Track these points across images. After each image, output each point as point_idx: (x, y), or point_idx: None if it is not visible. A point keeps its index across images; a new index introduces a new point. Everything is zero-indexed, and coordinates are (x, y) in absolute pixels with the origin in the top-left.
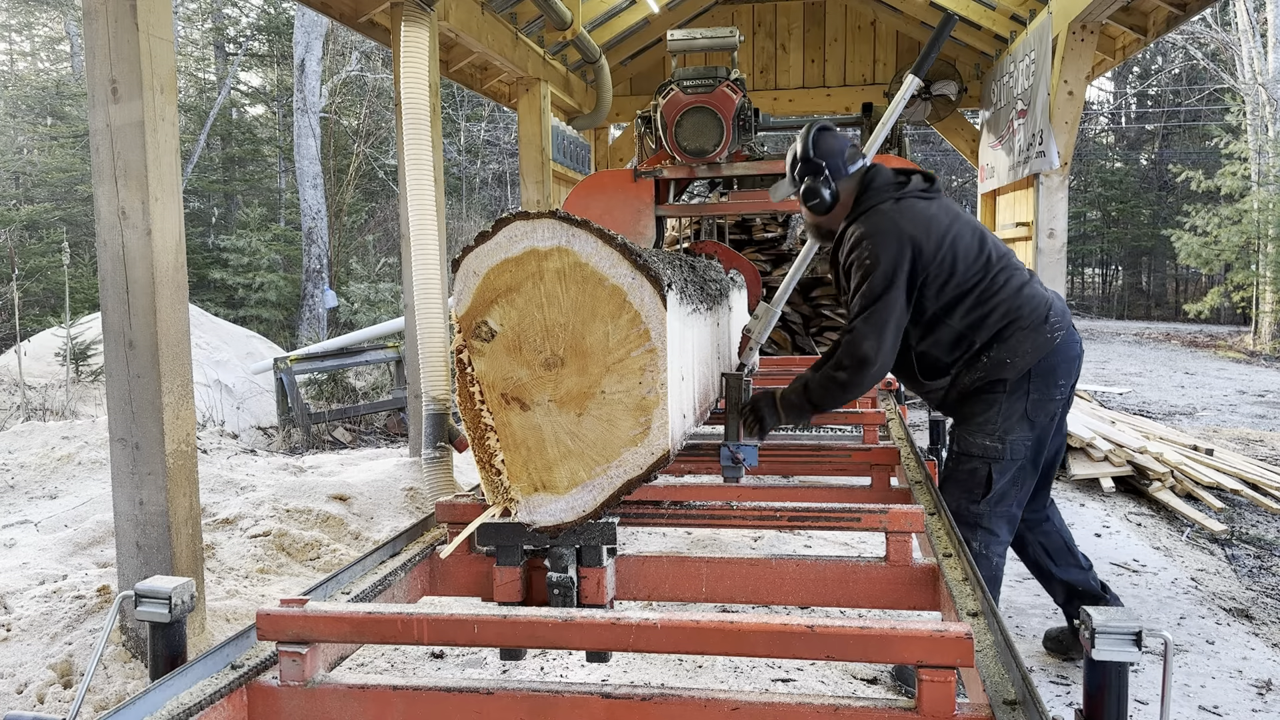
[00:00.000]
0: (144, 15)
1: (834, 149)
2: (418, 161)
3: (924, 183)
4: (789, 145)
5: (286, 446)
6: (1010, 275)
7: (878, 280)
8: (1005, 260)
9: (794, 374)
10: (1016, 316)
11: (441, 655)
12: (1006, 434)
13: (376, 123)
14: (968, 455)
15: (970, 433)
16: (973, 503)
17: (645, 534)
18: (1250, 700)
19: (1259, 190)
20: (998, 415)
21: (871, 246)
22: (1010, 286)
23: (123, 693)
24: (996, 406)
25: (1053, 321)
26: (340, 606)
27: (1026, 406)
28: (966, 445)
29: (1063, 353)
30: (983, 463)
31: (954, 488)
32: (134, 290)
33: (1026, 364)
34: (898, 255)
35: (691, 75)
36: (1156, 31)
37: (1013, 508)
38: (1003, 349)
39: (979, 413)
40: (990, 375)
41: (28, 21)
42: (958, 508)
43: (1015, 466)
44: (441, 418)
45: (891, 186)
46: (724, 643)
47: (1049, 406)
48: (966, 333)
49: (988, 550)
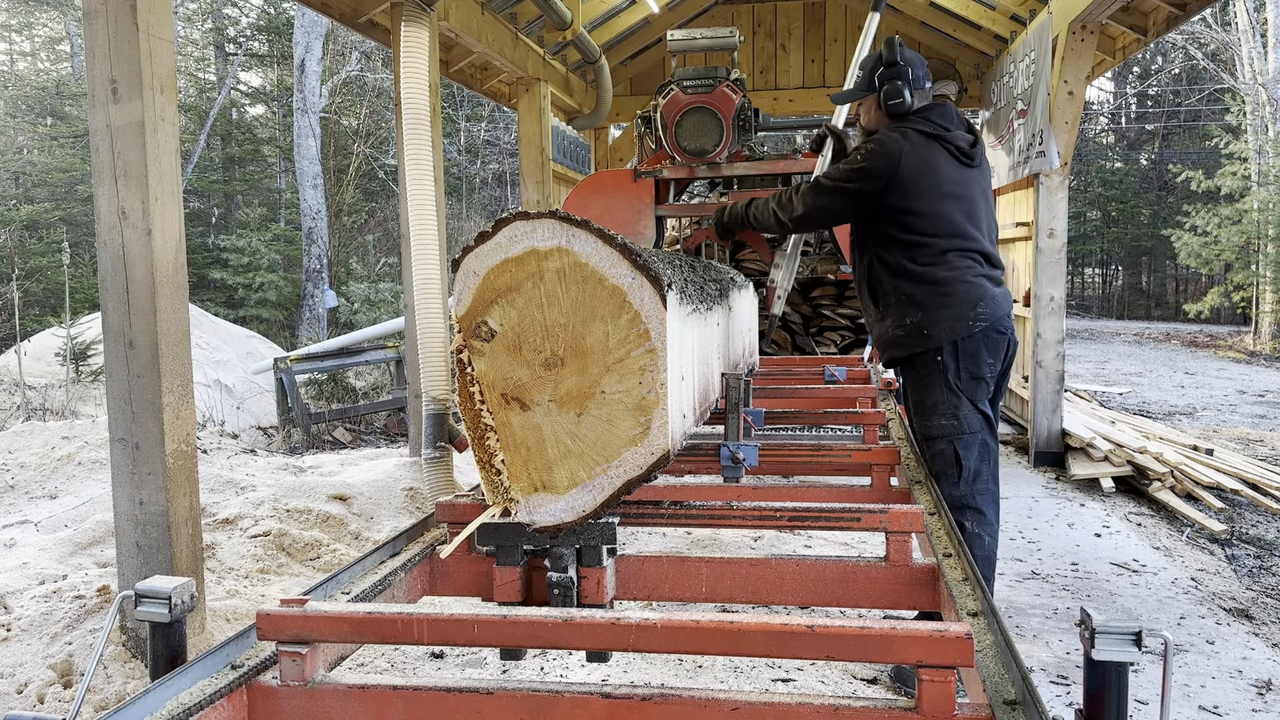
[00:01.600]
0: (144, 15)
1: (915, 59)
2: (418, 161)
3: (967, 137)
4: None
5: (286, 446)
6: (966, 263)
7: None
8: (969, 251)
9: (794, 374)
10: (946, 294)
11: (441, 655)
12: (957, 409)
13: (376, 123)
14: (930, 439)
15: (926, 417)
16: (954, 485)
17: (645, 534)
18: (1250, 700)
19: (1259, 190)
20: (940, 394)
21: (872, 150)
22: (956, 269)
23: (123, 693)
24: (937, 389)
25: (979, 312)
26: (340, 606)
27: (960, 383)
28: (927, 429)
29: (983, 339)
30: (945, 442)
31: (936, 476)
32: (134, 290)
33: (943, 339)
34: (875, 170)
35: (691, 75)
36: (1156, 31)
37: (990, 484)
38: (926, 319)
39: (926, 397)
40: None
41: (28, 21)
42: (943, 494)
43: (975, 440)
44: (441, 418)
45: (933, 124)
46: (724, 643)
47: (979, 384)
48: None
49: (980, 529)
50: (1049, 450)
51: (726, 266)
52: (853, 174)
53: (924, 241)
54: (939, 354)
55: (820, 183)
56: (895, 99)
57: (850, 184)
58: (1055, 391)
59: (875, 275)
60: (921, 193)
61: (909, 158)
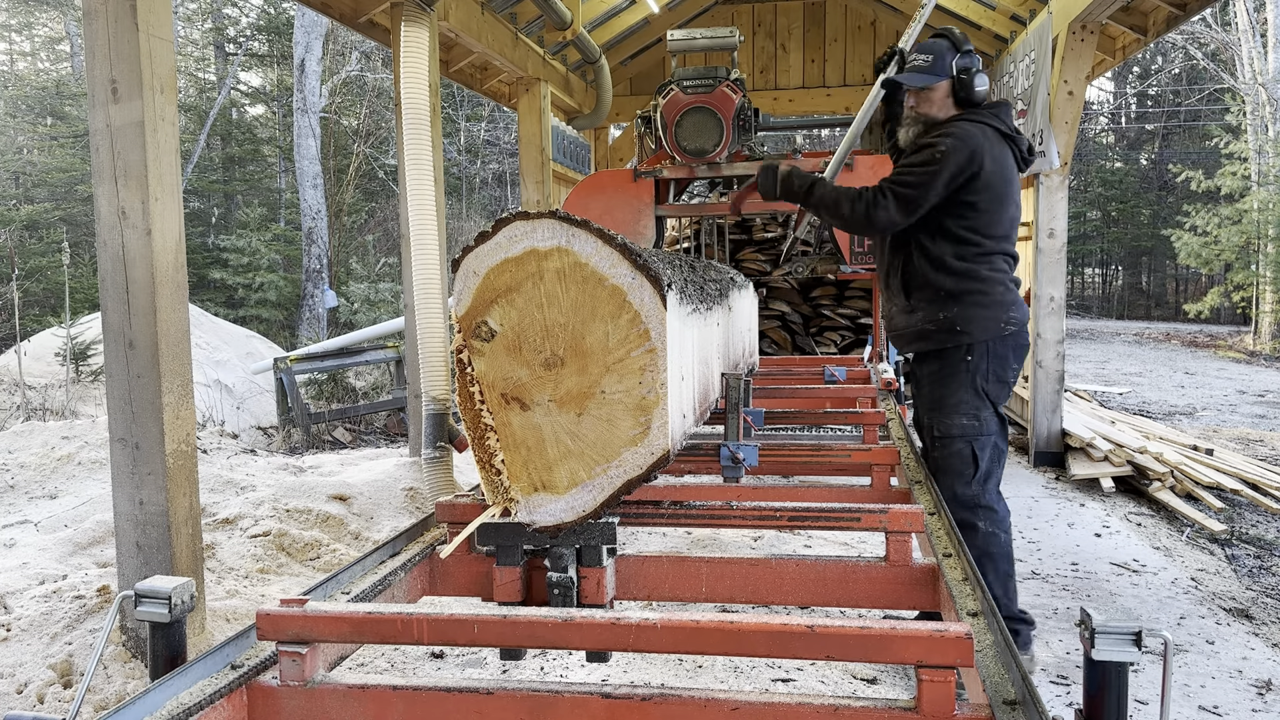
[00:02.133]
0: (144, 15)
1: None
2: (418, 161)
3: (1027, 141)
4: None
5: (286, 446)
6: (1005, 267)
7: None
8: (1009, 255)
9: (794, 374)
10: (985, 294)
11: (441, 655)
12: (979, 410)
13: (376, 123)
14: (949, 439)
15: (946, 416)
16: (966, 485)
17: (645, 534)
18: (1250, 700)
19: (1259, 190)
20: (965, 393)
21: (951, 144)
22: (998, 271)
23: (123, 693)
24: (962, 388)
25: (1011, 315)
26: (340, 606)
27: (986, 385)
28: (946, 429)
29: (1011, 343)
30: (964, 442)
31: (945, 476)
32: (134, 290)
33: (975, 339)
34: (959, 167)
35: (691, 75)
36: (1156, 31)
37: (999, 487)
38: (961, 316)
39: (949, 395)
40: (943, 331)
41: (28, 21)
42: (955, 494)
43: (990, 442)
44: (441, 418)
45: (1006, 125)
46: (724, 643)
47: (1004, 389)
48: (945, 268)
49: (995, 528)
50: (1049, 450)
51: (726, 266)
52: (933, 174)
53: (976, 240)
54: (969, 353)
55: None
56: (980, 87)
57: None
58: (1055, 391)
59: (914, 266)
60: (991, 192)
61: (989, 158)
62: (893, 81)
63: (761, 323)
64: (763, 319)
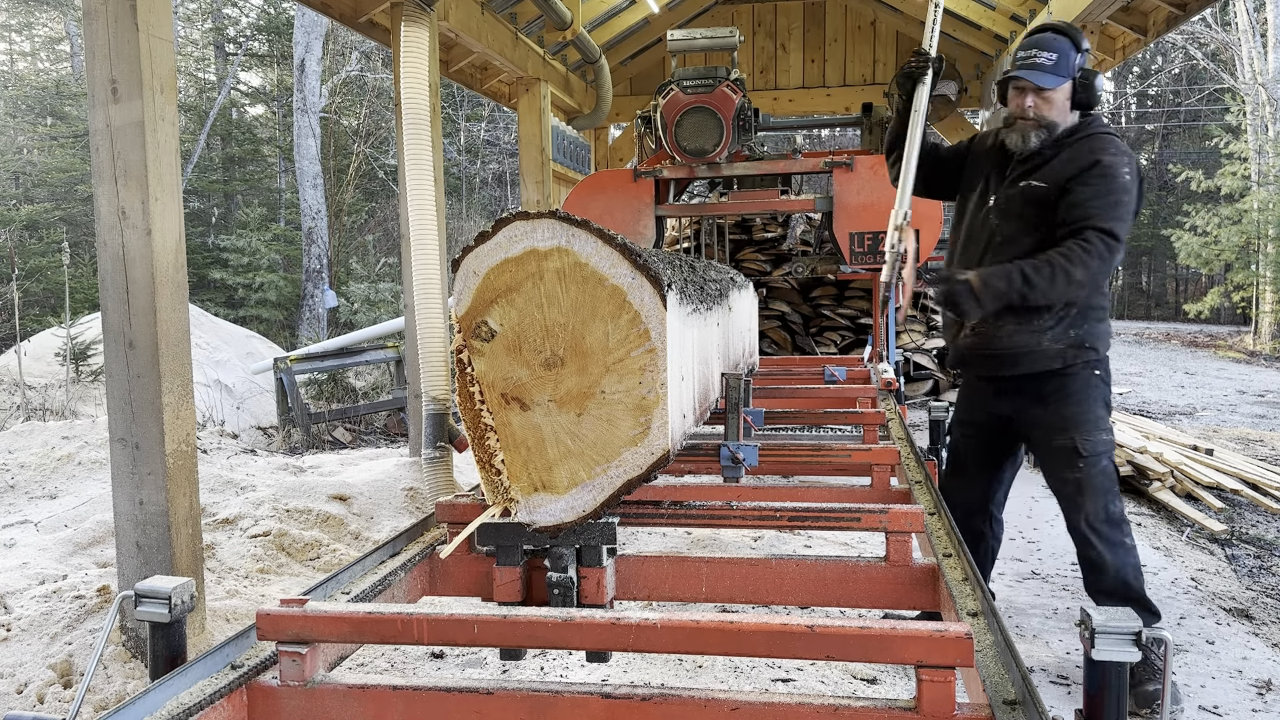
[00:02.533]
0: (144, 15)
1: None
2: (418, 161)
3: None
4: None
5: (286, 446)
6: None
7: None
8: None
9: (794, 374)
10: (1105, 309)
11: (441, 655)
12: (1110, 425)
13: (376, 123)
14: (1097, 455)
15: (1090, 433)
16: (1116, 499)
17: (645, 534)
18: (1250, 700)
19: (1259, 190)
20: (1100, 409)
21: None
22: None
23: (123, 693)
24: (1098, 404)
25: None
26: (340, 606)
27: (1108, 396)
28: (1094, 446)
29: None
30: (1109, 458)
31: (1097, 494)
32: (134, 290)
33: (1099, 355)
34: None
35: (691, 75)
36: (1156, 31)
37: None
38: (1090, 333)
39: (1085, 413)
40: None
41: (28, 21)
42: (1109, 511)
43: None
44: (441, 418)
45: None
46: (724, 643)
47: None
48: None
49: (1130, 539)
50: None
51: (726, 266)
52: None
53: None
54: (1097, 368)
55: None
56: (1101, 91)
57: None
58: None
59: None
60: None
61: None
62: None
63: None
64: (763, 319)
